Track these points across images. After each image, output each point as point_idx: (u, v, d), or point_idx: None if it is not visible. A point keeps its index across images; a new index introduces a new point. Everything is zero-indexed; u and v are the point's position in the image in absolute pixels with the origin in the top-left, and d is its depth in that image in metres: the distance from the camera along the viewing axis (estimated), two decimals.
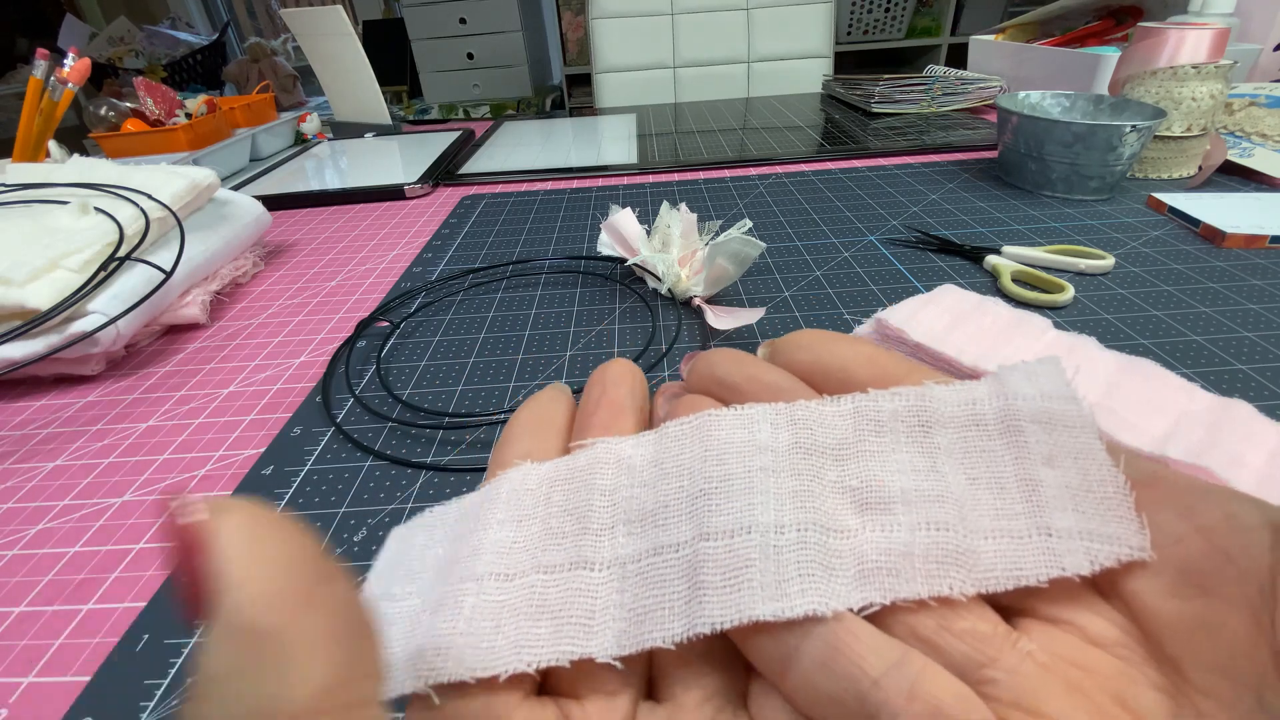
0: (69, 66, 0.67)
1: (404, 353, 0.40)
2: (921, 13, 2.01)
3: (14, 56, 2.21)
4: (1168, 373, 0.24)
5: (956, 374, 0.26)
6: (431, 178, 0.73)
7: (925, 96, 0.87)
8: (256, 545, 0.09)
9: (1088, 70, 0.75)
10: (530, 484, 0.13)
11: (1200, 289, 0.40)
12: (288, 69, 1.43)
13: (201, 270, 0.48)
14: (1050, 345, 0.26)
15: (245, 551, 0.09)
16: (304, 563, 0.09)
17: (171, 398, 0.38)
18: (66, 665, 0.23)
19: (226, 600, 0.08)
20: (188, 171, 0.50)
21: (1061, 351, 0.25)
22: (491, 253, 0.54)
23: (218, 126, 0.84)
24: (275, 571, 0.09)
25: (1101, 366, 0.24)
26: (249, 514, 0.10)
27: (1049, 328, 0.27)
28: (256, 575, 0.09)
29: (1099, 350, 0.26)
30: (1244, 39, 0.79)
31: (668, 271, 0.42)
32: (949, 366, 0.26)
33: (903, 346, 0.28)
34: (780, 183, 0.65)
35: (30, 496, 0.31)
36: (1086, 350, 0.25)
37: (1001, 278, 0.42)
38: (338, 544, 0.26)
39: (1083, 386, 0.23)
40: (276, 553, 0.09)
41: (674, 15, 1.17)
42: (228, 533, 0.09)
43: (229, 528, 0.09)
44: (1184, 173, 0.58)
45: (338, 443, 0.32)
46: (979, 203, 0.56)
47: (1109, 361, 0.25)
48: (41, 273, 0.38)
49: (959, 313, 0.28)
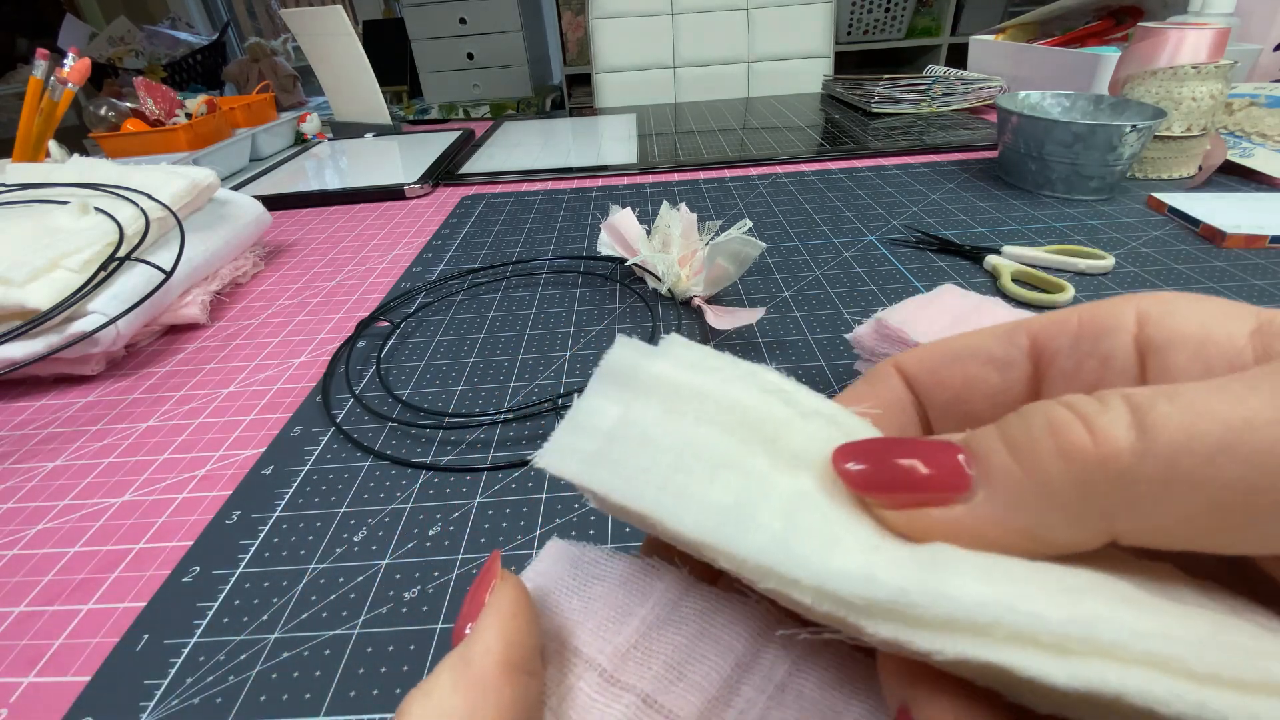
0: (69, 66, 0.67)
1: (404, 353, 0.40)
2: (921, 13, 2.01)
3: (14, 56, 2.21)
4: None
5: None
6: (431, 178, 0.73)
7: (925, 96, 0.87)
8: (508, 619, 0.13)
9: (1088, 70, 0.75)
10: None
11: (1200, 289, 0.40)
12: (288, 69, 1.43)
13: (201, 270, 0.48)
14: None
15: (497, 618, 0.13)
16: (525, 647, 0.13)
17: (171, 398, 0.38)
18: (66, 665, 0.23)
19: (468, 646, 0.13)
20: (188, 171, 0.50)
21: None
22: (491, 253, 0.54)
23: (218, 126, 0.84)
24: (505, 643, 0.13)
25: None
26: (518, 593, 0.14)
27: None
28: (492, 640, 0.13)
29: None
30: (1244, 39, 0.79)
31: (668, 271, 0.42)
32: None
33: (902, 346, 0.28)
34: (780, 183, 0.65)
35: (30, 496, 0.31)
36: None
37: (1001, 278, 0.42)
38: (337, 544, 0.26)
39: None
40: (515, 631, 0.13)
41: (674, 15, 1.17)
42: (497, 598, 0.13)
43: (501, 595, 0.13)
44: (1184, 173, 0.58)
45: (338, 443, 0.32)
46: (979, 203, 0.56)
47: None
48: (41, 273, 0.38)
49: (959, 312, 0.28)
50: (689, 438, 0.13)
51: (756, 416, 0.13)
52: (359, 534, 0.27)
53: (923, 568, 0.10)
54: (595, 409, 0.15)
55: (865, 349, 0.30)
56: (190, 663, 0.22)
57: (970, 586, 0.10)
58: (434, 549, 0.26)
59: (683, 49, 1.19)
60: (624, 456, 0.13)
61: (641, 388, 0.14)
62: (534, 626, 0.13)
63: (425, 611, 0.23)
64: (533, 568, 0.16)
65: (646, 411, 0.14)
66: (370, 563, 0.25)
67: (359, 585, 0.24)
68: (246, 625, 0.23)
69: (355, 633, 0.23)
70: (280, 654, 0.22)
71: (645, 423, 0.14)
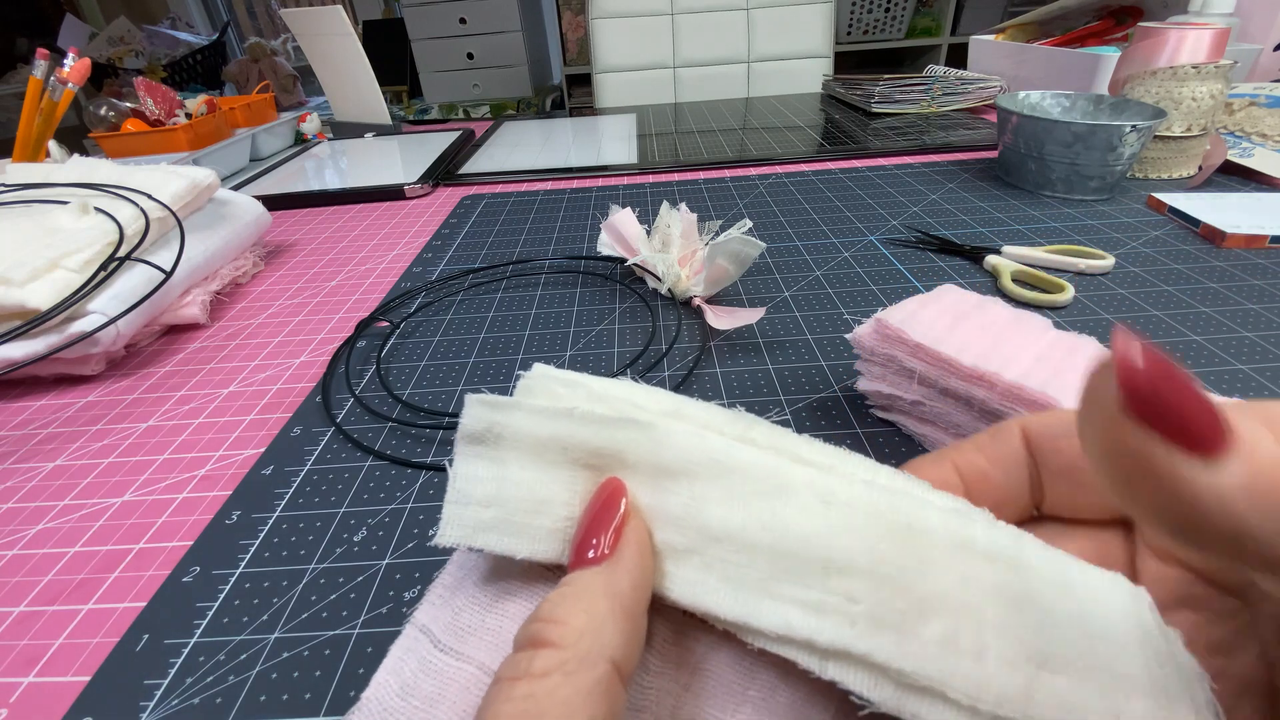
0: (69, 66, 0.67)
1: (404, 353, 0.40)
2: (921, 13, 2.01)
3: (14, 56, 2.21)
4: None
5: (957, 374, 0.26)
6: (431, 178, 0.73)
7: (925, 96, 0.87)
8: (647, 557, 0.15)
9: (1088, 70, 0.75)
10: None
11: (1200, 289, 0.40)
12: (288, 69, 1.43)
13: (201, 270, 0.48)
14: (1051, 344, 0.26)
15: (639, 555, 0.14)
16: (650, 587, 0.14)
17: (171, 398, 0.38)
18: (66, 665, 0.23)
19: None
20: (188, 171, 0.50)
21: (1064, 350, 0.25)
22: (491, 253, 0.54)
23: (218, 126, 0.84)
24: (646, 580, 0.14)
25: None
26: (647, 533, 0.15)
27: (1049, 327, 0.27)
28: (639, 577, 0.14)
29: (1099, 350, 0.26)
30: (1244, 39, 0.79)
31: (668, 271, 0.42)
32: (949, 366, 0.26)
33: (902, 346, 0.28)
34: (780, 183, 0.65)
35: (30, 496, 0.31)
36: (1087, 350, 0.25)
37: (1001, 278, 0.42)
38: (337, 544, 0.26)
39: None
40: (649, 570, 0.15)
41: (674, 15, 1.17)
42: (636, 534, 0.15)
43: (638, 532, 0.15)
44: (1184, 173, 0.58)
45: (338, 443, 0.32)
46: (979, 203, 0.56)
47: None
48: (41, 273, 0.38)
49: (959, 312, 0.28)
50: (564, 481, 0.16)
51: (612, 447, 0.15)
52: (359, 534, 0.27)
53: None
54: (470, 475, 0.16)
55: (865, 349, 0.30)
56: (190, 663, 0.22)
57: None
58: (434, 549, 0.26)
59: (683, 49, 1.19)
60: (516, 515, 0.15)
61: (507, 443, 0.16)
62: (653, 572, 0.14)
63: None
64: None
65: (523, 469, 0.16)
66: (370, 563, 0.25)
67: (359, 585, 0.24)
68: (246, 625, 0.23)
69: (355, 633, 0.23)
70: (280, 654, 0.22)
71: (521, 476, 0.16)
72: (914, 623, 0.13)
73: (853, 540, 0.14)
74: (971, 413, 0.26)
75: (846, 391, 0.33)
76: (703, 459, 0.15)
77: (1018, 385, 0.23)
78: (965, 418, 0.27)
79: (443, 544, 0.15)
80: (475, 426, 0.16)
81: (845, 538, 0.14)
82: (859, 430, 0.30)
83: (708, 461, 0.15)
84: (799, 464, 0.15)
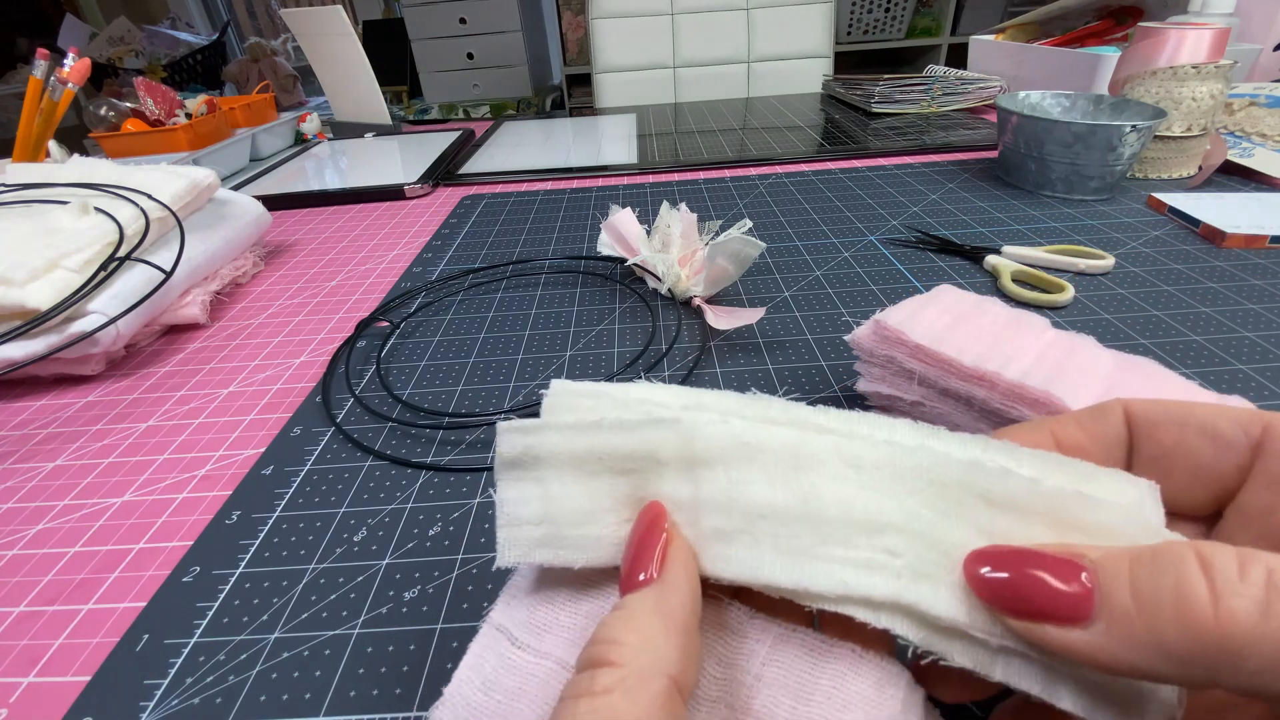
0: (69, 66, 0.67)
1: (404, 353, 0.40)
2: (921, 13, 2.01)
3: (14, 56, 2.21)
4: (1168, 371, 0.24)
5: (957, 375, 0.26)
6: (431, 178, 0.73)
7: (925, 96, 0.87)
8: (694, 577, 0.15)
9: (1088, 70, 0.75)
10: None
11: (1200, 289, 0.40)
12: (288, 69, 1.43)
13: (201, 270, 0.48)
14: (1050, 344, 0.26)
15: (686, 575, 0.15)
16: (699, 606, 0.15)
17: (171, 398, 0.38)
18: (66, 665, 0.23)
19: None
20: (188, 171, 0.50)
21: (1063, 349, 0.25)
22: (491, 253, 0.54)
23: (218, 126, 0.84)
24: (695, 600, 0.15)
25: (1103, 366, 0.24)
26: (692, 553, 0.16)
27: (1047, 327, 0.27)
28: (687, 596, 0.15)
29: (1098, 349, 0.26)
30: (1244, 39, 0.79)
31: (668, 271, 0.42)
32: (949, 367, 0.26)
33: (902, 348, 0.28)
34: (780, 183, 0.65)
35: (30, 496, 0.31)
36: (1087, 350, 0.25)
37: (1001, 278, 0.42)
38: (337, 544, 0.26)
39: (1083, 383, 0.23)
40: (697, 590, 0.15)
41: (674, 15, 1.17)
42: (682, 556, 0.15)
43: (683, 553, 0.15)
44: (1184, 173, 0.58)
45: (338, 443, 0.32)
46: (979, 203, 0.56)
47: (1108, 360, 0.25)
48: (41, 273, 0.38)
49: (958, 313, 0.28)
50: (604, 490, 0.16)
51: (644, 448, 0.16)
52: (359, 534, 0.27)
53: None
54: (516, 498, 0.17)
55: (864, 350, 0.29)
56: (190, 663, 0.22)
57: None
58: (434, 549, 0.26)
59: (683, 49, 1.19)
60: (566, 528, 0.16)
61: (544, 462, 0.17)
62: (700, 587, 0.15)
63: (425, 611, 0.23)
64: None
65: (564, 484, 0.17)
66: (370, 563, 0.25)
67: (359, 585, 0.24)
68: (246, 625, 0.23)
69: (355, 633, 0.23)
70: (280, 654, 0.22)
71: (563, 491, 0.16)
72: (943, 572, 0.14)
73: (885, 500, 0.15)
74: (972, 413, 0.26)
75: (846, 391, 0.33)
76: (732, 444, 0.15)
77: (1019, 385, 0.23)
78: (966, 418, 0.27)
79: (504, 565, 0.16)
80: (511, 452, 0.17)
81: (879, 498, 0.15)
82: None
83: (737, 446, 0.15)
84: (821, 433, 0.16)
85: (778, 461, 0.15)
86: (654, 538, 0.15)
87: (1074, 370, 0.24)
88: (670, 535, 0.15)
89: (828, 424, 0.16)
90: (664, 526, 0.15)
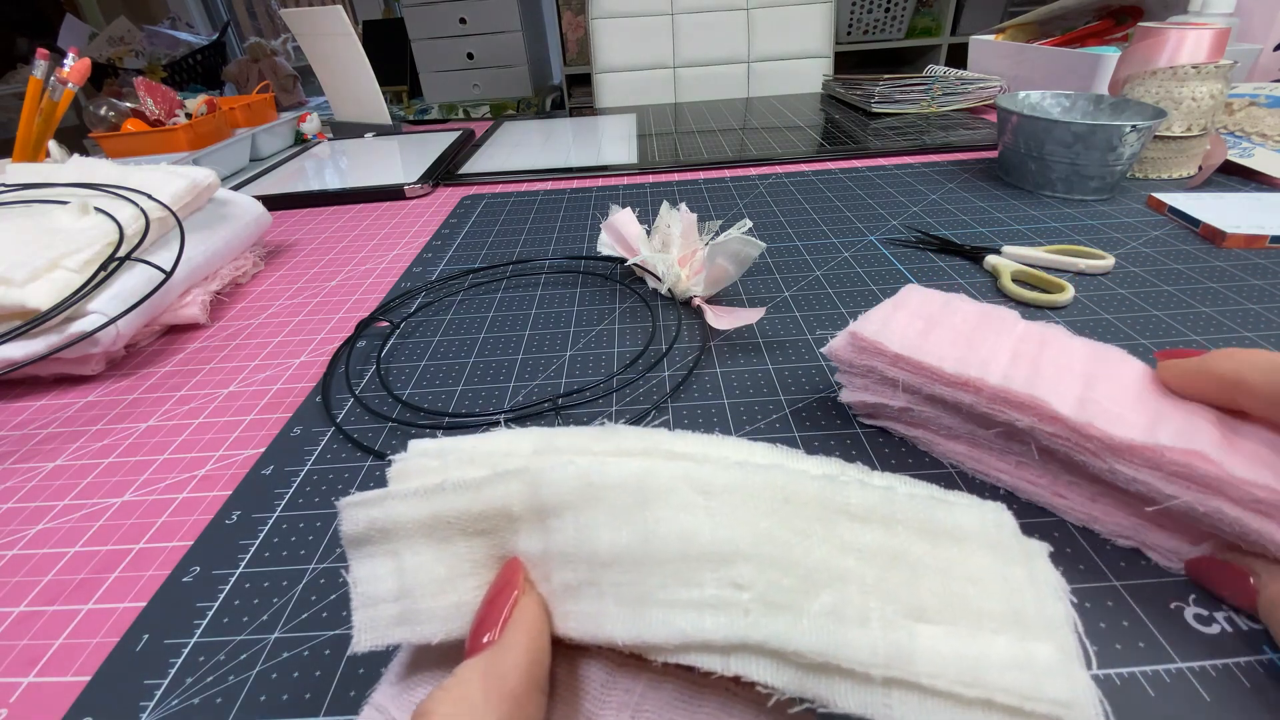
0: (69, 66, 0.67)
1: (404, 353, 0.40)
2: (921, 13, 2.01)
3: (14, 56, 2.20)
4: (1133, 359, 0.25)
5: (942, 382, 0.26)
6: (431, 178, 0.73)
7: (925, 96, 0.87)
8: (535, 637, 0.14)
9: (1088, 70, 0.75)
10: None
11: (1200, 289, 0.40)
12: (288, 69, 1.43)
13: (201, 270, 0.48)
14: (1022, 338, 0.26)
15: (525, 635, 0.14)
16: (545, 666, 0.14)
17: (171, 398, 0.38)
18: (66, 665, 0.23)
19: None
20: (188, 171, 0.50)
21: (1035, 343, 0.26)
22: (491, 253, 0.54)
23: (218, 126, 0.84)
24: (531, 661, 0.14)
25: (1077, 359, 0.25)
26: (540, 610, 0.15)
27: (1018, 319, 0.27)
28: (521, 657, 0.14)
29: (1068, 338, 0.26)
30: (1244, 39, 0.79)
31: (668, 271, 0.42)
32: (932, 374, 0.26)
33: (881, 358, 0.27)
34: (780, 183, 0.65)
35: (30, 496, 0.31)
36: (1058, 341, 0.26)
37: (1001, 278, 0.42)
38: (337, 544, 0.26)
39: (1062, 381, 0.23)
40: (540, 650, 0.14)
41: (674, 15, 1.17)
42: (525, 614, 0.15)
43: (527, 611, 0.14)
44: (1184, 173, 0.58)
45: (338, 443, 0.32)
46: (979, 203, 0.56)
47: (1079, 351, 0.25)
48: (41, 273, 0.38)
49: (928, 315, 0.28)
50: (462, 554, 0.16)
51: (493, 505, 0.15)
52: None
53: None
54: (369, 576, 0.16)
55: (843, 361, 0.29)
56: (190, 663, 0.22)
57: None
58: None
59: (683, 49, 1.19)
60: (423, 600, 0.15)
61: (393, 534, 0.16)
62: (549, 645, 0.14)
63: None
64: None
65: (417, 553, 0.16)
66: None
67: None
68: (246, 625, 0.23)
69: None
70: (280, 654, 0.22)
71: (417, 562, 0.16)
72: (802, 599, 0.13)
73: (735, 526, 0.14)
74: (960, 415, 0.26)
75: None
76: (576, 486, 0.15)
77: (1004, 389, 0.24)
78: (955, 420, 0.27)
79: (359, 651, 0.15)
80: (356, 529, 0.16)
81: (727, 526, 0.14)
82: (858, 431, 0.30)
83: (581, 487, 0.14)
84: (673, 459, 0.15)
85: (622, 498, 0.14)
86: (503, 598, 0.14)
87: (1049, 366, 0.24)
88: (520, 591, 0.15)
89: (682, 449, 0.16)
90: (516, 584, 0.15)
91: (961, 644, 0.13)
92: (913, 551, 0.14)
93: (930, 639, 0.13)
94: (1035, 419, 0.23)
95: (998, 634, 0.13)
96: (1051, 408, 0.22)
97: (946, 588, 0.13)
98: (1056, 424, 0.22)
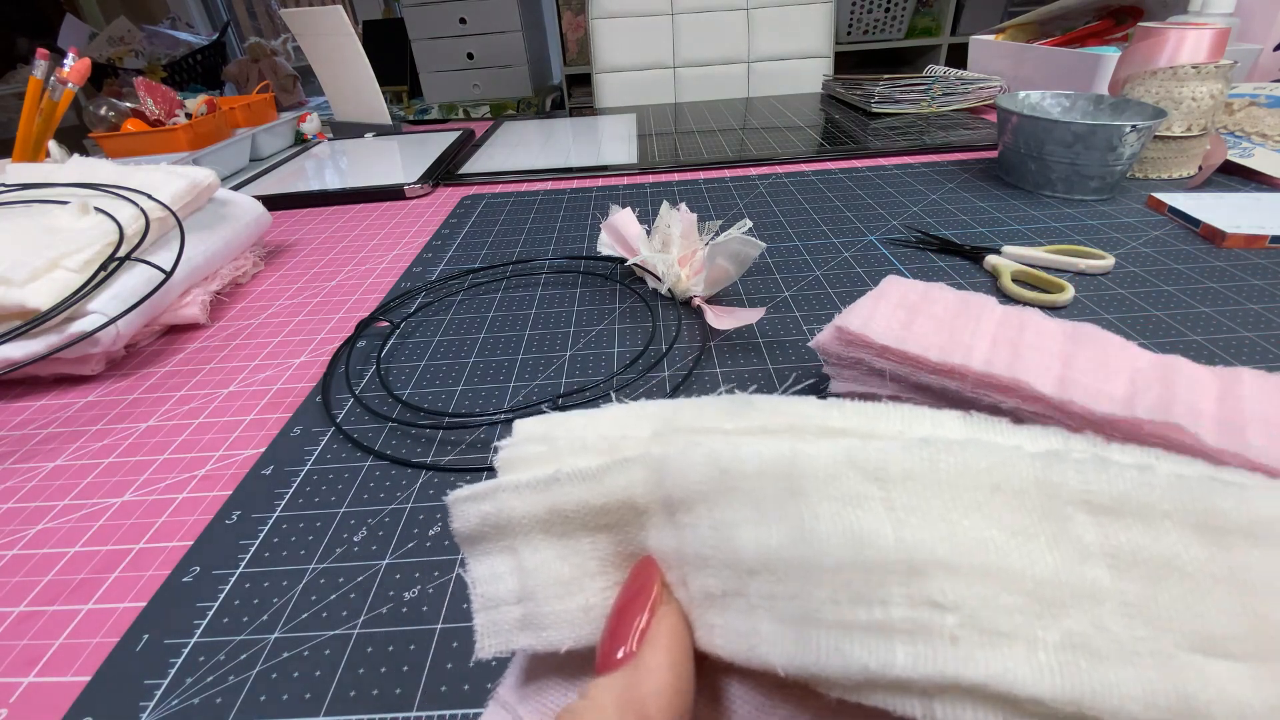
0: (69, 66, 0.67)
1: (404, 353, 0.40)
2: (921, 13, 2.01)
3: (14, 56, 2.20)
4: (1109, 334, 0.25)
5: (928, 370, 0.26)
6: (431, 178, 0.73)
7: (925, 96, 0.87)
8: (680, 659, 0.13)
9: (1088, 70, 0.75)
10: None
11: (1200, 289, 0.40)
12: (288, 69, 1.43)
13: (201, 270, 0.48)
14: (1000, 322, 0.27)
15: (669, 657, 0.12)
16: (690, 691, 0.12)
17: (171, 398, 0.38)
18: (66, 665, 0.23)
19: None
20: (188, 171, 0.50)
21: (1013, 327, 0.26)
22: (491, 253, 0.54)
23: (218, 126, 0.84)
24: (676, 687, 0.12)
25: (1054, 340, 0.25)
26: (683, 625, 0.13)
27: (995, 305, 0.28)
28: (664, 683, 0.12)
29: (1043, 320, 0.26)
30: (1244, 39, 0.79)
31: (668, 271, 0.42)
32: (918, 365, 0.26)
33: (868, 350, 0.28)
34: (780, 183, 0.65)
35: (30, 496, 0.31)
36: (1035, 323, 0.26)
37: (1001, 278, 0.42)
38: (337, 544, 0.26)
39: (1042, 362, 0.24)
40: (685, 675, 0.12)
41: (674, 15, 1.17)
42: (666, 630, 0.13)
43: (668, 626, 0.13)
44: (1184, 173, 0.58)
45: (338, 443, 0.32)
46: (979, 203, 0.56)
47: (1057, 331, 0.26)
48: (41, 273, 0.38)
49: (910, 305, 0.29)
50: (586, 550, 0.14)
51: (614, 498, 0.13)
52: (359, 534, 0.27)
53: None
54: (488, 575, 0.14)
55: (830, 355, 0.30)
56: (190, 663, 0.22)
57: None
58: (434, 549, 0.26)
59: (683, 49, 1.19)
60: (547, 604, 0.14)
61: (508, 529, 0.14)
62: (693, 670, 0.12)
63: (425, 611, 0.23)
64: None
65: (536, 551, 0.14)
66: (370, 563, 0.25)
67: (359, 585, 0.24)
68: (246, 625, 0.23)
69: (355, 633, 0.23)
70: (280, 654, 0.22)
71: (537, 560, 0.14)
72: (1033, 624, 0.10)
73: (926, 525, 0.10)
74: (947, 400, 0.27)
75: (847, 393, 0.33)
76: (706, 473, 0.12)
77: (988, 375, 0.24)
78: (942, 405, 0.27)
79: (484, 657, 0.14)
80: (469, 525, 0.14)
81: (916, 524, 0.10)
82: None
83: (713, 474, 0.12)
84: (827, 437, 0.12)
85: (766, 488, 0.12)
86: (637, 605, 0.13)
87: (1028, 349, 0.25)
88: (657, 600, 0.13)
89: (840, 423, 0.13)
90: (652, 590, 0.13)
91: (1275, 689, 0.09)
92: (1190, 557, 0.10)
93: (1229, 681, 0.09)
94: (1019, 400, 0.24)
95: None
96: (1034, 388, 0.23)
97: (1246, 608, 0.10)
98: (1039, 404, 0.23)
